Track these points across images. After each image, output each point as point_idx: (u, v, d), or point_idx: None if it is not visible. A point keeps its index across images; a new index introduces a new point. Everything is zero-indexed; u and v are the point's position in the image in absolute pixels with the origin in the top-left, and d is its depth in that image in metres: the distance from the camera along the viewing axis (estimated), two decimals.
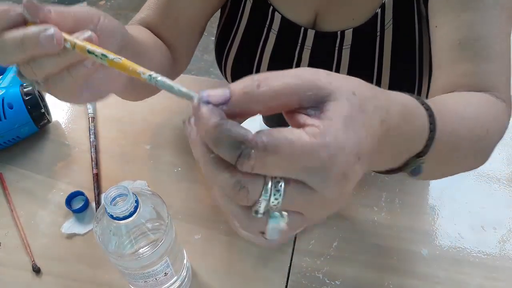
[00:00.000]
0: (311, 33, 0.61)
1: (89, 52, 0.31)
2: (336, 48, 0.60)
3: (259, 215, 0.25)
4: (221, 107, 0.25)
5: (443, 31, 0.49)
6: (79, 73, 0.33)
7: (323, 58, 0.62)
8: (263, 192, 0.25)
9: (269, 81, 0.25)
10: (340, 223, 0.58)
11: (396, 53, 0.59)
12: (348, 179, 0.25)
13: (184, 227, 0.58)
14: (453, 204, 0.60)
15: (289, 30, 0.62)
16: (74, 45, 0.31)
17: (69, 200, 0.60)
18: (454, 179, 0.62)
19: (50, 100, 0.71)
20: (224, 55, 0.68)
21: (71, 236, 0.57)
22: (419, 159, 0.35)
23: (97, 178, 0.62)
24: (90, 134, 0.67)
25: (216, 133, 0.24)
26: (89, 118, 0.70)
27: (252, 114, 0.26)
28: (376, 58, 0.59)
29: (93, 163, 0.64)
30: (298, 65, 0.64)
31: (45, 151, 0.67)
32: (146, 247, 0.42)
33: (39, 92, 0.66)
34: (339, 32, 0.59)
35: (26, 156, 0.66)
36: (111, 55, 0.30)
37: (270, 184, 0.25)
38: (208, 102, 0.24)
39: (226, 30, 0.67)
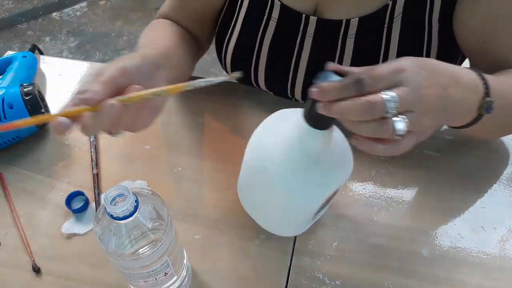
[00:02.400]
0: (313, 20, 0.60)
1: (144, 98, 0.42)
2: (340, 37, 0.60)
3: (389, 115, 0.38)
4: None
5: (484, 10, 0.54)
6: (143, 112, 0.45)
7: (325, 47, 0.62)
8: (385, 99, 0.37)
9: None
10: (340, 223, 0.58)
11: (403, 46, 0.58)
12: (423, 71, 0.40)
13: (184, 227, 0.58)
14: (453, 204, 0.60)
15: (290, 17, 0.61)
16: (129, 100, 0.42)
17: (69, 200, 0.60)
18: (454, 179, 0.62)
19: (50, 100, 0.71)
20: (224, 44, 0.68)
21: (71, 236, 0.57)
22: (486, 98, 0.46)
23: (97, 178, 0.62)
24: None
25: (345, 87, 0.38)
26: None
27: None
28: (382, 50, 0.59)
29: (93, 163, 0.64)
30: (299, 53, 0.63)
31: (45, 151, 0.67)
32: (146, 247, 0.42)
33: (39, 92, 0.66)
34: (344, 21, 0.59)
35: (26, 156, 0.66)
36: (158, 91, 0.42)
37: (387, 93, 0.38)
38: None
39: (226, 19, 0.68)
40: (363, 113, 0.38)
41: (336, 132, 0.46)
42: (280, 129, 0.46)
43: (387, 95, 0.38)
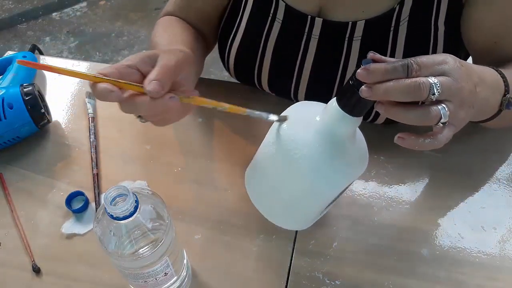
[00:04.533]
0: (318, 22, 0.60)
1: (203, 105, 0.48)
2: (346, 39, 0.60)
3: (433, 98, 0.39)
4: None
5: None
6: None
7: (331, 48, 0.61)
8: (431, 82, 0.39)
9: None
10: (340, 223, 0.58)
11: (409, 49, 0.59)
12: (462, 66, 0.42)
13: (184, 227, 0.58)
14: (453, 204, 0.60)
15: (295, 18, 0.61)
16: (189, 101, 0.47)
17: (69, 200, 0.60)
18: (454, 179, 0.62)
19: (50, 100, 0.71)
20: (227, 46, 0.68)
21: (71, 236, 0.57)
22: (507, 96, 0.50)
23: (97, 178, 0.62)
24: (90, 134, 0.67)
25: (392, 68, 0.39)
26: (89, 118, 0.70)
27: None
28: (388, 53, 0.59)
29: (93, 163, 0.64)
30: (304, 55, 0.63)
31: (45, 151, 0.67)
32: (146, 247, 0.42)
33: (39, 92, 0.66)
34: (350, 23, 0.59)
35: (26, 156, 0.66)
36: (219, 104, 0.47)
37: (431, 78, 0.39)
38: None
39: (230, 20, 0.67)
40: (407, 93, 0.38)
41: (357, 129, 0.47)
42: (305, 115, 0.47)
43: (432, 79, 0.39)
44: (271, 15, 0.62)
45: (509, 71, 0.53)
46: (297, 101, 0.70)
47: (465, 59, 0.66)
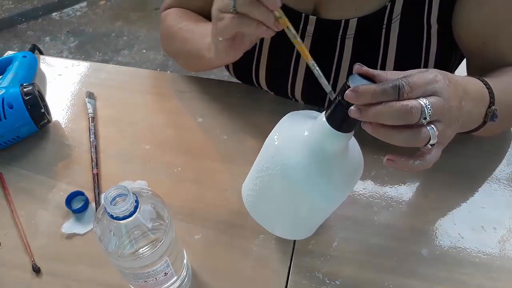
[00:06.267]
0: (312, 20, 0.61)
1: (288, 27, 0.48)
2: (339, 37, 0.60)
3: (424, 122, 0.38)
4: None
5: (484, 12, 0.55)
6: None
7: (325, 46, 0.62)
8: (423, 105, 0.38)
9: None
10: (340, 223, 0.58)
11: (402, 47, 0.59)
12: (450, 83, 0.41)
13: (184, 227, 0.58)
14: (453, 204, 0.60)
15: (289, 17, 0.62)
16: (281, 20, 0.48)
17: (69, 200, 0.60)
18: (454, 179, 0.62)
19: (50, 100, 0.71)
20: None
21: (71, 236, 0.57)
22: (492, 107, 0.49)
23: (97, 178, 0.62)
24: (90, 134, 0.67)
25: (382, 91, 0.38)
26: (89, 118, 0.70)
27: None
28: (380, 51, 0.59)
29: (93, 163, 0.64)
30: (299, 54, 0.63)
31: (45, 151, 0.67)
32: (146, 247, 0.42)
33: (39, 92, 0.66)
34: (343, 21, 0.59)
35: (26, 156, 0.66)
36: (298, 39, 0.47)
37: (422, 100, 0.39)
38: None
39: None
40: (399, 117, 0.38)
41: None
42: (298, 133, 0.46)
43: (423, 101, 0.38)
44: None
45: (496, 80, 0.52)
46: (295, 99, 0.70)
47: (460, 59, 0.66)
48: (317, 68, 0.45)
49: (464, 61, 0.65)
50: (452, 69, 0.66)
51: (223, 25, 0.51)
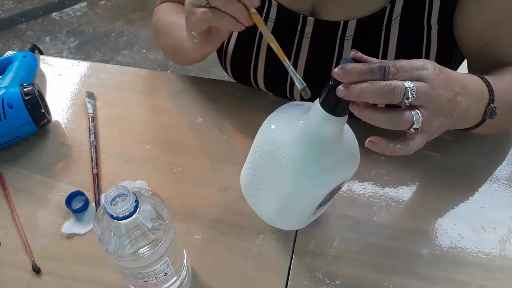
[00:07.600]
0: (310, 21, 0.60)
1: (258, 24, 0.50)
2: (338, 38, 0.60)
3: (407, 101, 0.39)
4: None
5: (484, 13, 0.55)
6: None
7: (323, 47, 0.62)
8: (406, 86, 0.38)
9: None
10: (340, 223, 0.58)
11: (402, 48, 0.58)
12: (442, 74, 0.41)
13: (184, 227, 0.58)
14: (453, 204, 0.60)
15: (287, 18, 0.62)
16: (255, 18, 0.50)
17: (69, 200, 0.60)
18: (454, 179, 0.62)
19: (50, 100, 0.71)
20: (224, 47, 0.69)
21: (71, 236, 0.57)
22: (491, 105, 0.49)
23: (97, 178, 0.62)
24: (90, 134, 0.67)
25: (368, 69, 0.39)
26: (89, 118, 0.70)
27: None
28: (380, 52, 0.59)
29: (93, 163, 0.64)
30: (297, 55, 0.64)
31: (45, 151, 0.67)
32: (146, 247, 0.42)
33: (39, 92, 0.66)
34: (342, 22, 0.59)
35: (26, 156, 0.66)
36: (270, 36, 0.51)
37: (407, 82, 0.39)
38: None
39: None
40: (382, 95, 0.38)
41: (347, 128, 0.47)
42: (292, 116, 0.47)
43: (408, 83, 0.39)
44: (263, 15, 0.62)
45: (497, 79, 0.52)
46: (294, 100, 0.70)
47: (461, 59, 0.66)
48: (291, 65, 0.48)
49: (465, 62, 0.65)
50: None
51: (195, 19, 0.51)
